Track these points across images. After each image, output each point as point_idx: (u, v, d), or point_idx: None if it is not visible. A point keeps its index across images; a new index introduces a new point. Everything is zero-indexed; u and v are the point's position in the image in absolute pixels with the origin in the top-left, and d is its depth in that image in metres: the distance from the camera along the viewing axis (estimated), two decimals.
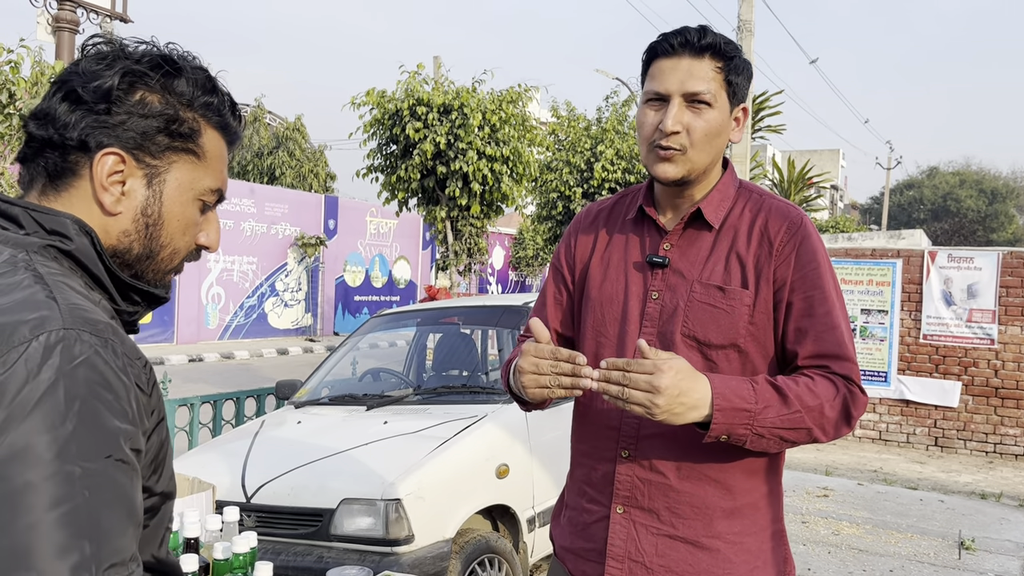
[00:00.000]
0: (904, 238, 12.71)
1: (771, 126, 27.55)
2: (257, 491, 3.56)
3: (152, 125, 1.02)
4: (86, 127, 1.00)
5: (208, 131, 1.08)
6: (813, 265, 1.58)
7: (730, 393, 1.45)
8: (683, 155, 1.59)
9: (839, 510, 6.27)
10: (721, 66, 1.59)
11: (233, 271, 18.87)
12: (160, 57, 1.05)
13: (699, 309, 1.59)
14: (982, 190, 49.58)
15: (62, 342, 0.85)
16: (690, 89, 1.57)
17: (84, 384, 0.85)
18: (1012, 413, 8.27)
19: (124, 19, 6.42)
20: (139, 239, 1.05)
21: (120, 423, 0.87)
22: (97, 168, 1.01)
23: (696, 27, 1.61)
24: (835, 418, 1.52)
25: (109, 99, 1.00)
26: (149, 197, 1.04)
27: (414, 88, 11.24)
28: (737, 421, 1.45)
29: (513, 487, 3.96)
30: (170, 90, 1.04)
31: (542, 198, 14.42)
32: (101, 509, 0.83)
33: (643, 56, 1.66)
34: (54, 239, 0.98)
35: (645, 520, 1.61)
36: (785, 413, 1.47)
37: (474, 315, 5.46)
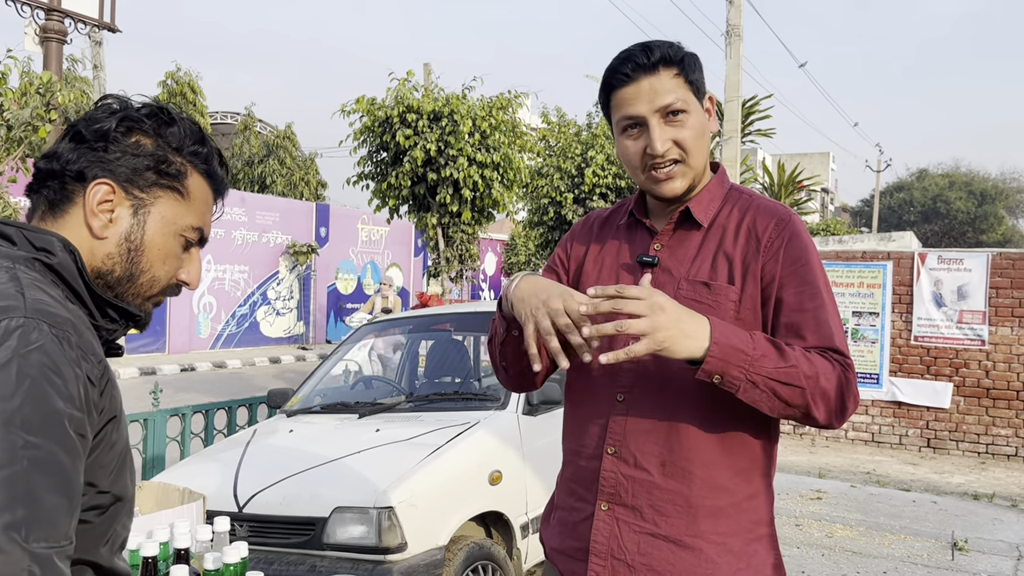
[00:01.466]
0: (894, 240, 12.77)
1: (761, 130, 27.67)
2: (249, 500, 3.55)
3: (143, 163, 1.16)
4: (85, 161, 1.14)
5: (194, 175, 1.22)
6: (803, 261, 1.58)
7: (729, 332, 1.44)
8: (683, 166, 1.61)
9: (832, 512, 6.28)
10: (677, 71, 1.60)
11: (224, 280, 18.82)
12: (158, 108, 1.20)
13: (685, 305, 1.57)
14: (971, 192, 49.85)
15: (21, 327, 0.94)
16: (661, 104, 1.58)
17: (36, 367, 0.93)
18: (1003, 414, 8.30)
19: (112, 28, 6.40)
20: (121, 262, 1.16)
21: (66, 407, 0.94)
22: (89, 196, 1.13)
23: (639, 48, 1.61)
24: (830, 391, 1.48)
25: (107, 139, 1.15)
26: (134, 225, 1.16)
27: (404, 95, 11.24)
28: (733, 360, 1.42)
29: (506, 493, 3.96)
30: (163, 136, 1.19)
31: (533, 204, 14.43)
32: (39, 481, 0.90)
33: (600, 94, 1.67)
34: (40, 254, 1.09)
35: (628, 517, 1.60)
36: (782, 366, 1.44)
37: (466, 321, 5.45)
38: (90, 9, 6.14)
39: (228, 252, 18.73)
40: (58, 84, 5.40)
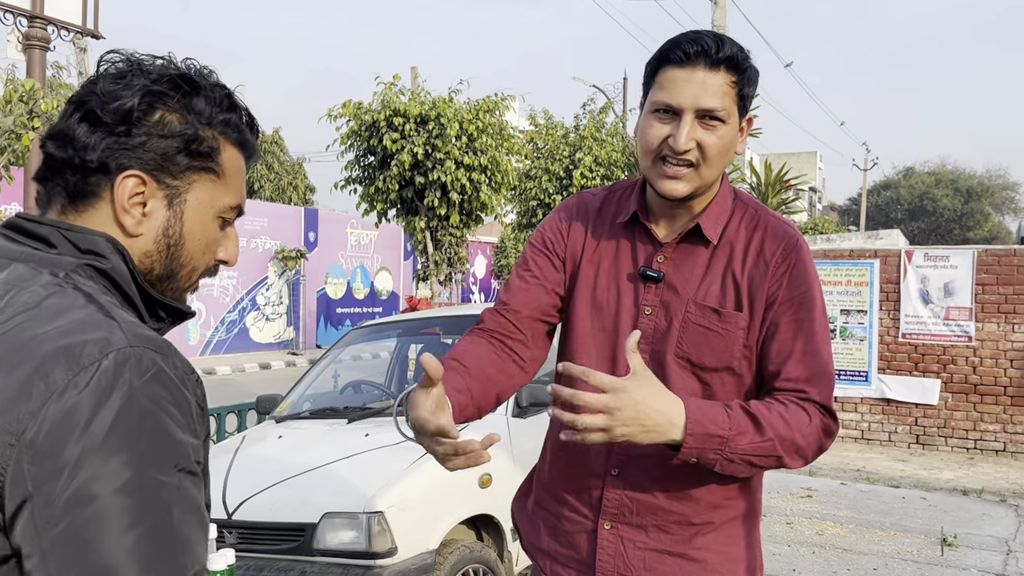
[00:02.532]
0: (881, 238, 12.84)
1: None
2: (238, 507, 3.53)
3: (172, 146, 1.02)
4: (106, 149, 0.99)
5: (227, 148, 1.08)
6: (805, 287, 1.56)
7: (704, 419, 1.41)
8: (694, 171, 1.52)
9: (823, 510, 6.30)
10: (735, 80, 1.51)
11: (213, 286, 18.75)
12: (179, 76, 1.04)
13: (694, 331, 1.56)
14: (957, 189, 50.16)
15: (129, 360, 0.87)
16: (704, 106, 1.48)
17: (153, 401, 0.87)
18: (991, 409, 8.35)
19: (96, 35, 6.37)
20: (160, 260, 1.05)
21: (187, 436, 0.90)
22: (118, 191, 1.00)
23: (712, 35, 1.51)
24: (805, 446, 1.49)
25: (129, 120, 1.00)
26: (170, 218, 1.04)
27: (391, 99, 11.24)
28: (709, 446, 1.41)
29: (496, 496, 3.95)
30: (189, 109, 1.04)
31: (522, 206, 14.45)
32: (181, 521, 0.86)
33: (651, 61, 1.56)
34: (88, 258, 0.99)
35: (632, 536, 1.61)
36: (757, 441, 1.44)
37: (455, 324, 5.45)
38: (73, 16, 6.12)
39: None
40: (41, 92, 5.38)
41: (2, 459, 0.82)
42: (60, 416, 0.82)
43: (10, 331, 0.88)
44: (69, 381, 0.84)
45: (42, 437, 0.82)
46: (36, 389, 0.83)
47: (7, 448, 0.82)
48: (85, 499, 0.81)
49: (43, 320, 0.89)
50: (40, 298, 0.91)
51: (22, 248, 0.98)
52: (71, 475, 0.81)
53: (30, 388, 0.83)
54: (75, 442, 0.81)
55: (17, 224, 1.01)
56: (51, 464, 0.81)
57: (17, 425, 0.82)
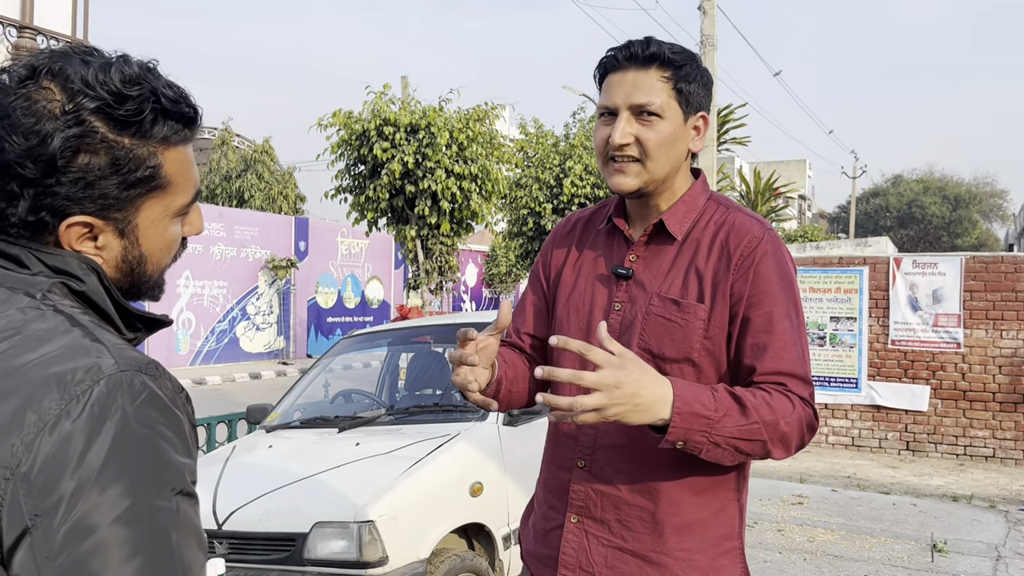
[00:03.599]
0: (870, 246, 12.91)
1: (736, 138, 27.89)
2: (229, 517, 3.52)
3: (108, 184, 0.95)
4: (35, 200, 0.92)
5: (168, 154, 1.00)
6: (773, 281, 1.56)
7: (691, 398, 1.41)
8: (640, 165, 1.59)
9: (814, 517, 6.31)
10: (668, 75, 1.59)
11: (203, 296, 18.69)
12: (95, 107, 0.93)
13: (655, 322, 1.59)
14: (945, 196, 50.51)
15: (121, 385, 0.86)
16: (635, 101, 1.58)
17: (147, 425, 0.86)
18: (980, 415, 8.39)
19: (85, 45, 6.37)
20: (126, 280, 1.04)
21: (182, 458, 0.89)
22: (63, 238, 0.96)
23: (641, 40, 1.62)
24: (790, 434, 1.49)
25: (54, 170, 0.91)
26: (126, 245, 1.01)
27: (381, 108, 11.26)
28: (696, 427, 1.41)
29: (488, 505, 3.95)
30: (117, 133, 0.95)
31: (513, 215, 14.47)
32: (180, 545, 0.86)
33: (596, 73, 1.67)
34: (62, 278, 0.96)
35: (596, 530, 1.62)
36: (743, 423, 1.44)
37: (445, 333, 5.44)
38: (63, 26, 6.11)
39: (207, 268, 18.61)
40: None
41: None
42: (54, 448, 0.81)
43: None
44: (62, 411, 0.83)
45: (36, 470, 0.81)
46: (28, 420, 0.82)
47: (2, 482, 0.81)
48: (84, 531, 0.80)
49: (29, 347, 0.87)
50: (20, 322, 0.90)
51: None
52: (68, 508, 0.80)
53: (22, 419, 0.82)
54: (71, 474, 0.81)
55: None
56: (48, 497, 0.80)
57: (11, 459, 0.81)
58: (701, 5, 13.94)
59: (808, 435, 1.54)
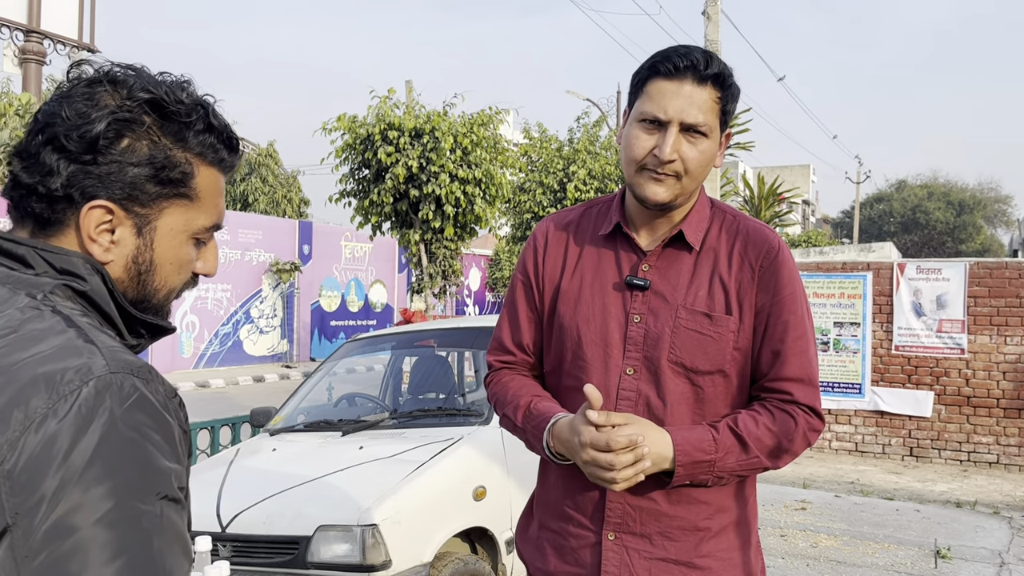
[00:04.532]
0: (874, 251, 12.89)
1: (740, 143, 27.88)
2: (232, 520, 3.53)
3: (141, 174, 0.98)
4: (71, 176, 0.96)
5: (203, 170, 1.04)
6: (790, 290, 1.61)
7: (691, 448, 1.51)
8: (676, 181, 1.57)
9: (817, 522, 6.31)
10: (720, 96, 1.56)
11: (207, 299, 18.72)
12: (149, 98, 0.99)
13: (686, 336, 1.59)
14: (950, 202, 50.45)
15: (110, 387, 0.85)
16: (690, 120, 1.53)
17: (134, 428, 0.86)
18: (984, 422, 8.38)
19: (91, 49, 6.41)
20: (132, 285, 1.03)
21: (169, 463, 0.88)
22: (84, 220, 0.98)
23: (702, 51, 1.56)
24: (791, 448, 1.59)
25: (95, 148, 0.96)
26: (140, 246, 1.02)
27: (385, 113, 11.28)
28: (699, 471, 1.52)
29: (491, 509, 3.95)
30: (161, 133, 1.00)
31: (516, 219, 14.49)
32: (163, 551, 0.85)
33: (641, 71, 1.60)
34: (66, 279, 0.97)
35: (637, 545, 1.62)
36: (744, 459, 1.55)
37: (449, 337, 5.45)
38: (70, 31, 6.16)
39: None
40: (38, 105, 5.40)
41: None
42: (39, 447, 0.81)
43: None
44: (48, 410, 0.82)
45: (20, 468, 0.80)
46: (15, 418, 0.82)
47: None
48: (65, 531, 0.80)
49: (22, 346, 0.87)
50: (18, 322, 0.90)
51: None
52: (50, 507, 0.80)
53: (8, 417, 0.82)
54: (54, 473, 0.80)
55: None
56: (30, 495, 0.80)
57: None
58: (705, 10, 13.96)
59: (812, 437, 1.61)
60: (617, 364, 1.62)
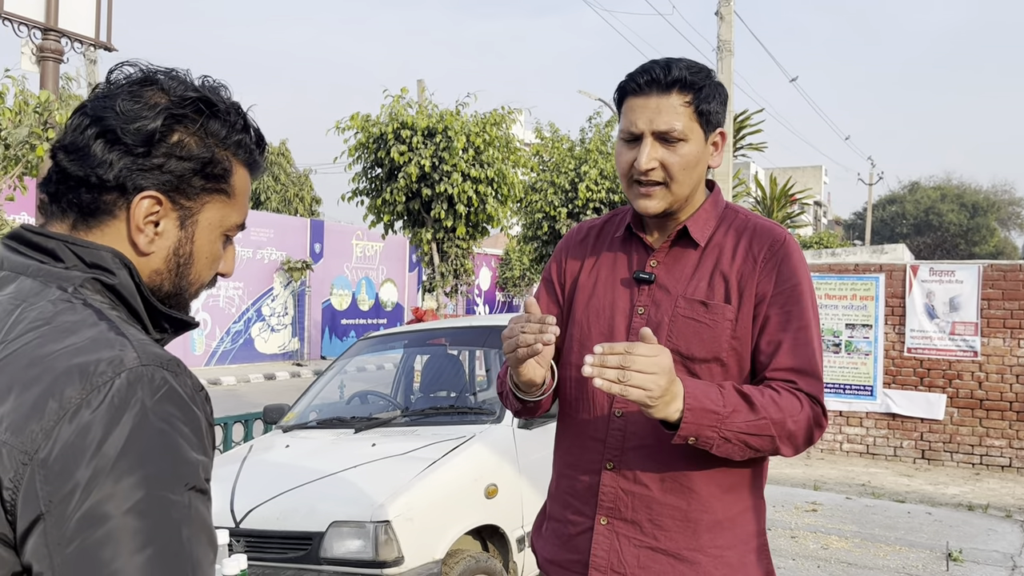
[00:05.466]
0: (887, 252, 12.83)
1: (752, 144, 27.82)
2: (246, 516, 3.56)
3: (188, 168, 1.03)
4: (124, 168, 0.99)
5: (238, 169, 1.09)
6: (794, 282, 1.62)
7: (700, 394, 1.47)
8: (664, 188, 1.62)
9: (828, 524, 6.29)
10: (690, 99, 1.61)
11: (219, 296, 18.81)
12: (198, 97, 1.05)
13: (683, 323, 1.62)
14: (963, 204, 50.10)
15: (141, 379, 0.88)
16: (659, 128, 1.60)
17: (165, 420, 0.88)
18: (997, 425, 8.34)
19: (108, 48, 6.45)
20: (169, 278, 1.06)
21: (197, 455, 0.90)
22: (135, 211, 1.01)
23: (661, 62, 1.63)
24: (798, 432, 1.55)
25: (151, 142, 1.00)
26: (182, 238, 1.05)
27: (398, 112, 11.31)
28: (706, 422, 1.47)
29: (502, 507, 3.97)
30: (206, 131, 1.04)
31: (528, 219, 14.49)
32: (191, 540, 0.87)
33: (614, 95, 1.70)
34: (95, 272, 0.99)
35: (628, 532, 1.63)
36: (752, 419, 1.50)
37: (461, 336, 5.48)
38: (87, 29, 6.19)
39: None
40: (56, 103, 5.44)
41: (16, 478, 0.83)
42: (73, 436, 0.83)
43: (22, 348, 0.89)
44: (82, 400, 0.84)
45: (54, 457, 0.83)
46: (49, 408, 0.84)
47: (20, 467, 0.83)
48: (97, 520, 0.82)
49: (56, 337, 0.89)
50: (51, 314, 0.92)
51: (28, 261, 0.98)
52: (83, 496, 0.82)
53: (43, 406, 0.84)
54: (87, 463, 0.82)
55: (23, 236, 1.01)
56: (63, 484, 0.82)
57: (31, 444, 0.83)
58: (719, 11, 13.93)
59: (816, 432, 1.59)
60: None
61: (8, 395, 0.86)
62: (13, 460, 0.83)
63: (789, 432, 1.53)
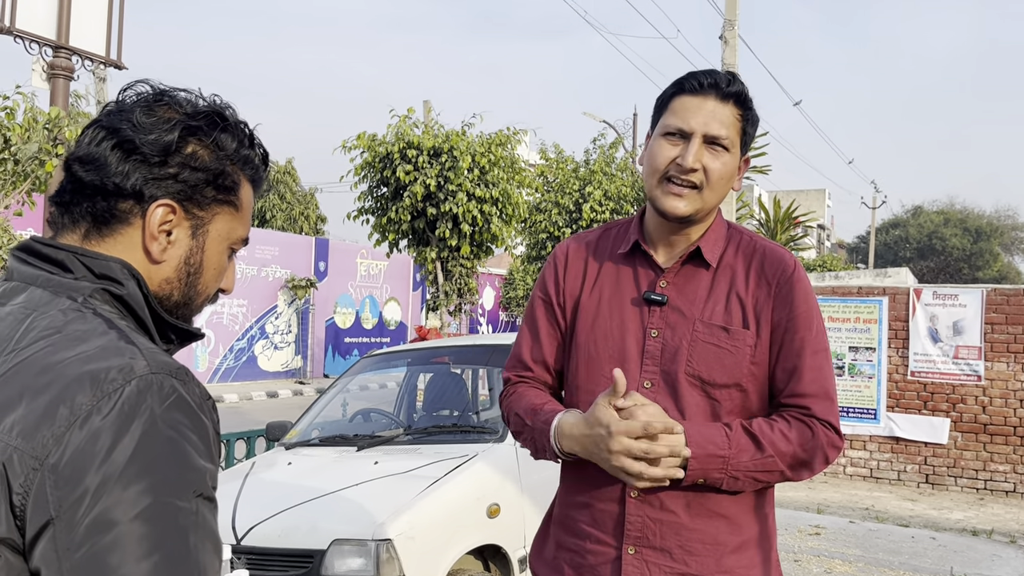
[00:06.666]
0: (890, 276, 12.83)
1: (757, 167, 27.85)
2: (248, 532, 3.55)
3: (201, 178, 1.06)
4: (140, 178, 1.02)
5: (245, 183, 1.12)
6: (806, 308, 1.64)
7: (704, 441, 1.51)
8: (697, 193, 1.62)
9: (831, 548, 6.25)
10: (741, 114, 1.64)
11: (223, 314, 18.83)
12: (212, 111, 1.08)
13: (703, 349, 1.61)
14: (966, 229, 50.08)
15: (151, 387, 0.89)
16: (713, 132, 1.60)
17: (173, 427, 0.89)
18: (1001, 450, 8.30)
19: (118, 66, 6.51)
20: (179, 287, 1.08)
21: (204, 462, 0.92)
22: (150, 218, 1.03)
23: (724, 73, 1.66)
24: (809, 460, 1.59)
25: (167, 152, 1.03)
26: (193, 247, 1.08)
27: (404, 132, 11.38)
28: (712, 466, 1.52)
29: (504, 527, 3.96)
30: (218, 144, 1.08)
31: (531, 239, 14.54)
32: (197, 547, 0.88)
33: (666, 91, 1.68)
34: (104, 283, 1.01)
35: (657, 559, 1.62)
36: (758, 458, 1.54)
37: (464, 354, 5.48)
38: (97, 47, 6.26)
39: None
40: (65, 120, 5.49)
41: (26, 483, 0.84)
42: (83, 442, 0.84)
43: (34, 355, 0.91)
44: (93, 407, 0.86)
45: (64, 462, 0.84)
46: (60, 414, 0.86)
47: (31, 472, 0.84)
48: (105, 526, 0.83)
49: (66, 345, 0.91)
50: (61, 323, 0.94)
51: (38, 272, 1.00)
52: (92, 501, 0.83)
53: (54, 413, 0.86)
54: (96, 469, 0.84)
55: (32, 248, 1.02)
56: (73, 490, 0.83)
57: (42, 450, 0.84)
58: (723, 35, 14.03)
59: (831, 453, 1.61)
60: (635, 378, 1.63)
61: (19, 401, 0.87)
62: (24, 465, 0.84)
63: (800, 461, 1.57)
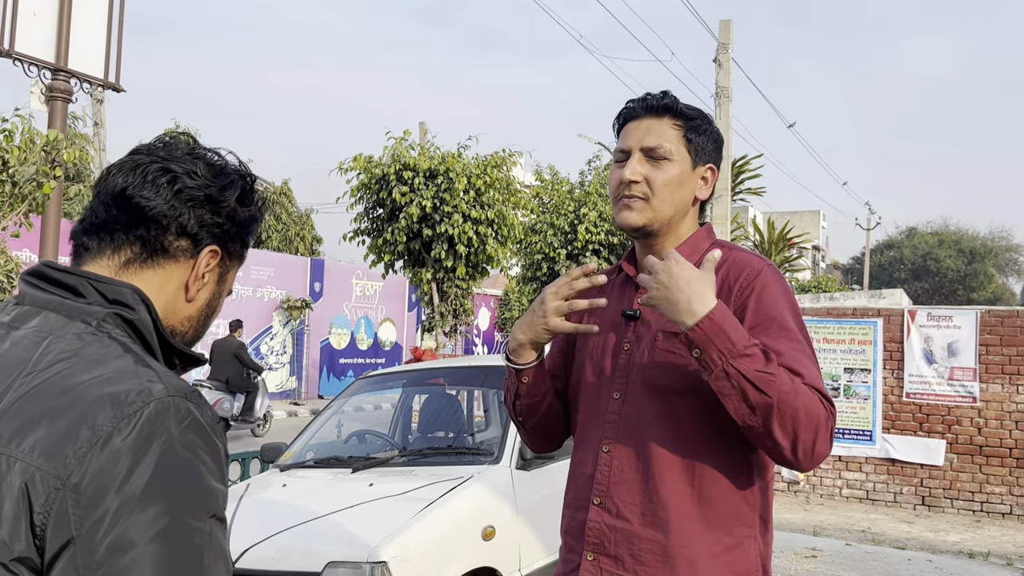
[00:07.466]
0: (885, 297, 12.87)
1: (751, 188, 28.06)
2: (242, 555, 3.53)
3: (239, 233, 1.16)
4: (200, 222, 1.10)
5: None
6: (775, 308, 1.60)
7: (728, 322, 1.48)
8: (645, 203, 1.68)
9: (827, 571, 6.23)
10: (680, 124, 1.71)
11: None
12: (254, 179, 1.19)
13: (660, 357, 1.65)
14: (961, 250, 50.36)
15: (168, 409, 0.92)
16: (647, 144, 1.69)
17: (189, 449, 0.92)
18: (997, 471, 8.30)
19: (117, 88, 6.55)
20: (195, 326, 1.16)
21: (217, 484, 0.95)
22: (201, 260, 1.12)
23: (658, 92, 1.75)
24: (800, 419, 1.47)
25: (222, 204, 1.12)
26: (216, 292, 1.18)
27: (400, 153, 11.44)
28: (717, 343, 1.46)
29: (499, 549, 3.95)
30: (246, 204, 1.17)
31: (527, 260, 14.58)
32: (211, 567, 0.91)
33: (615, 123, 1.80)
34: (116, 308, 1.03)
35: (610, 567, 1.63)
36: (762, 370, 1.45)
37: (459, 376, 5.48)
38: (96, 69, 6.30)
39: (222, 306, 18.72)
40: (64, 142, 5.52)
41: (47, 503, 0.85)
42: (104, 463, 0.87)
43: (52, 378, 0.93)
44: (113, 428, 0.88)
45: (87, 482, 0.86)
46: (82, 435, 0.88)
47: (53, 492, 0.86)
48: (124, 546, 0.85)
49: (84, 368, 0.93)
50: (78, 346, 0.96)
51: (50, 296, 1.02)
52: (112, 522, 0.85)
53: (76, 433, 0.88)
54: (117, 490, 0.86)
55: (44, 273, 1.04)
56: (94, 509, 0.85)
57: (63, 470, 0.86)
58: (716, 58, 14.15)
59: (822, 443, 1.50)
60: (608, 390, 1.71)
61: (40, 423, 0.89)
62: (46, 485, 0.86)
63: (793, 408, 1.45)
